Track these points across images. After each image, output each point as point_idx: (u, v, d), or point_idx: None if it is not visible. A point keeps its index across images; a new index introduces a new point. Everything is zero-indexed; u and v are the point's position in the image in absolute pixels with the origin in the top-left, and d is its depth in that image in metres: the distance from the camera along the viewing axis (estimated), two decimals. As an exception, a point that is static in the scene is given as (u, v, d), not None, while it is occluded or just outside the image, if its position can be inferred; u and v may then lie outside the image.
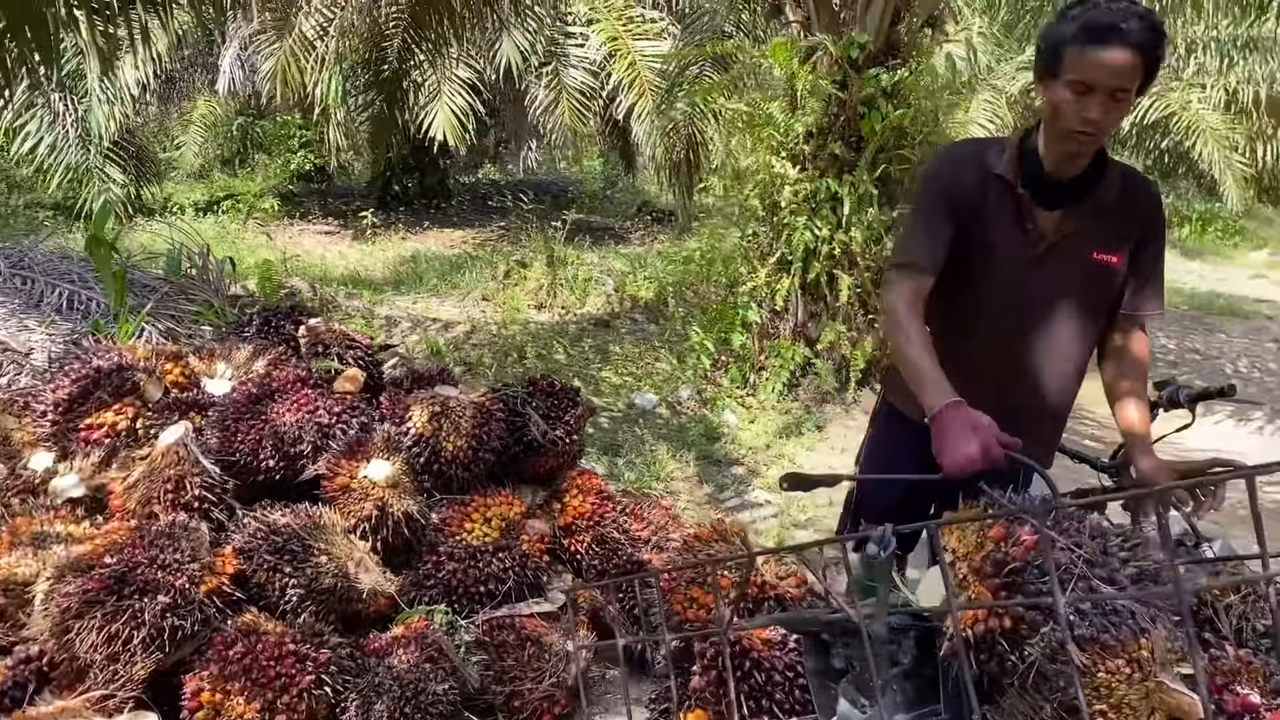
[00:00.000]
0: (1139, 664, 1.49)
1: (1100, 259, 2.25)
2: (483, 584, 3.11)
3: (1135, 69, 2.03)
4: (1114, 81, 2.03)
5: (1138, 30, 2.01)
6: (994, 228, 2.27)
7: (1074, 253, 2.24)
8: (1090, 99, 2.06)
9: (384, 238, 12.08)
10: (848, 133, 6.24)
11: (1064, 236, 2.24)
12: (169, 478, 2.85)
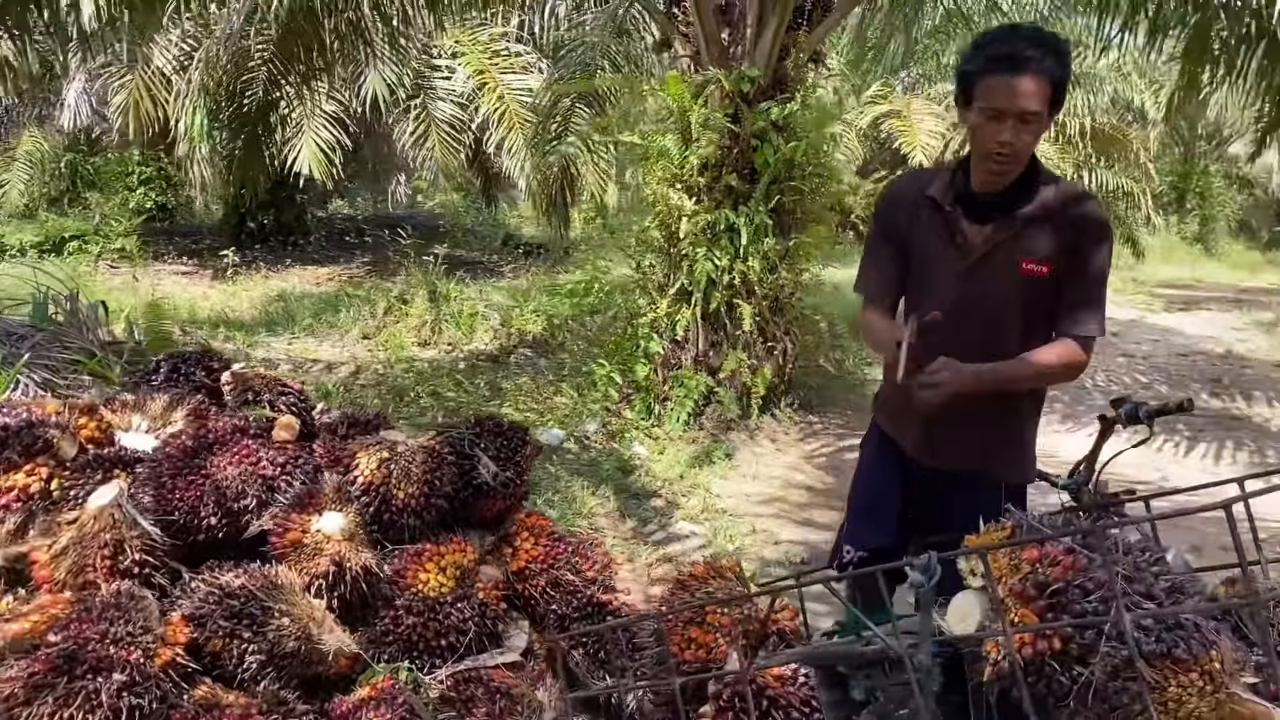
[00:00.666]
0: (1210, 676, 1.53)
1: (1029, 269, 2.37)
2: (444, 637, 2.96)
3: (1040, 93, 2.20)
4: (1021, 105, 2.20)
5: (1039, 57, 2.19)
6: (928, 243, 2.47)
7: (1003, 262, 2.38)
8: (1002, 124, 2.23)
9: (246, 277, 11.58)
10: (741, 165, 6.35)
11: (993, 246, 2.38)
12: (105, 542, 2.61)
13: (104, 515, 2.64)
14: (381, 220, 19.21)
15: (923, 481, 2.63)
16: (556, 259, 14.68)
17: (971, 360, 2.33)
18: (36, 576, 2.64)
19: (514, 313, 8.96)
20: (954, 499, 2.54)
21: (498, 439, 3.39)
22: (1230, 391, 8.51)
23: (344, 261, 13.93)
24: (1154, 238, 20.81)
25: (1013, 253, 2.38)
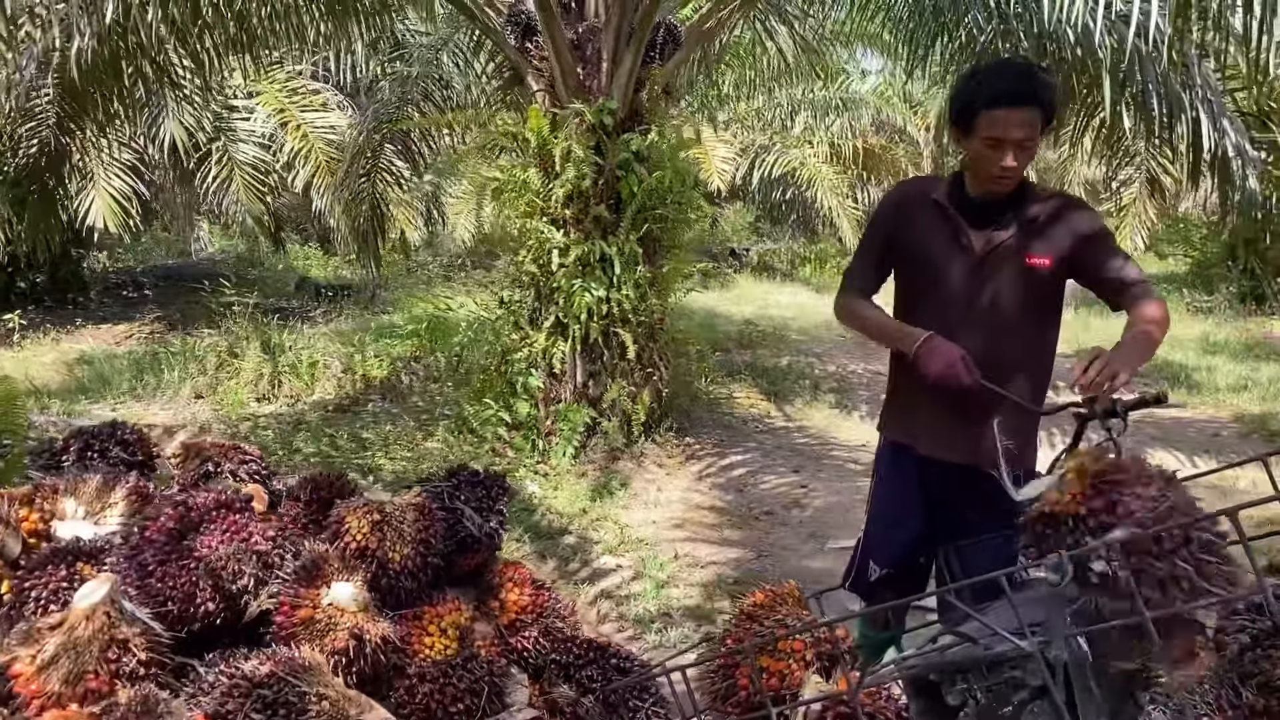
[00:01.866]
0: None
1: (1032, 262, 2.60)
2: (460, 701, 2.81)
3: (1034, 122, 2.47)
4: (1020, 134, 2.46)
5: (1034, 90, 2.46)
6: (934, 244, 2.68)
7: (1007, 261, 2.61)
8: (1003, 150, 2.47)
9: (33, 341, 10.53)
10: (607, 195, 6.40)
11: (997, 247, 2.61)
12: (104, 645, 2.33)
13: (97, 615, 2.36)
14: (159, 272, 17.99)
15: (938, 480, 2.77)
16: (366, 301, 14.21)
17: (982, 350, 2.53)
18: (23, 691, 2.31)
19: (355, 359, 8.60)
20: (968, 493, 2.69)
21: (476, 489, 3.28)
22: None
23: (134, 318, 12.92)
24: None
25: (1015, 251, 2.61)
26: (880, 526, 2.92)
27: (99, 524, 2.95)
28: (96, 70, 7.13)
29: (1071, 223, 2.62)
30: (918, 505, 2.81)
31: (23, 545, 2.72)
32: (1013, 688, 2.08)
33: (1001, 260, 2.62)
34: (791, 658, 2.39)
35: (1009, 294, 2.62)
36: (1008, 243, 2.60)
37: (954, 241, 2.65)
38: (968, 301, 2.64)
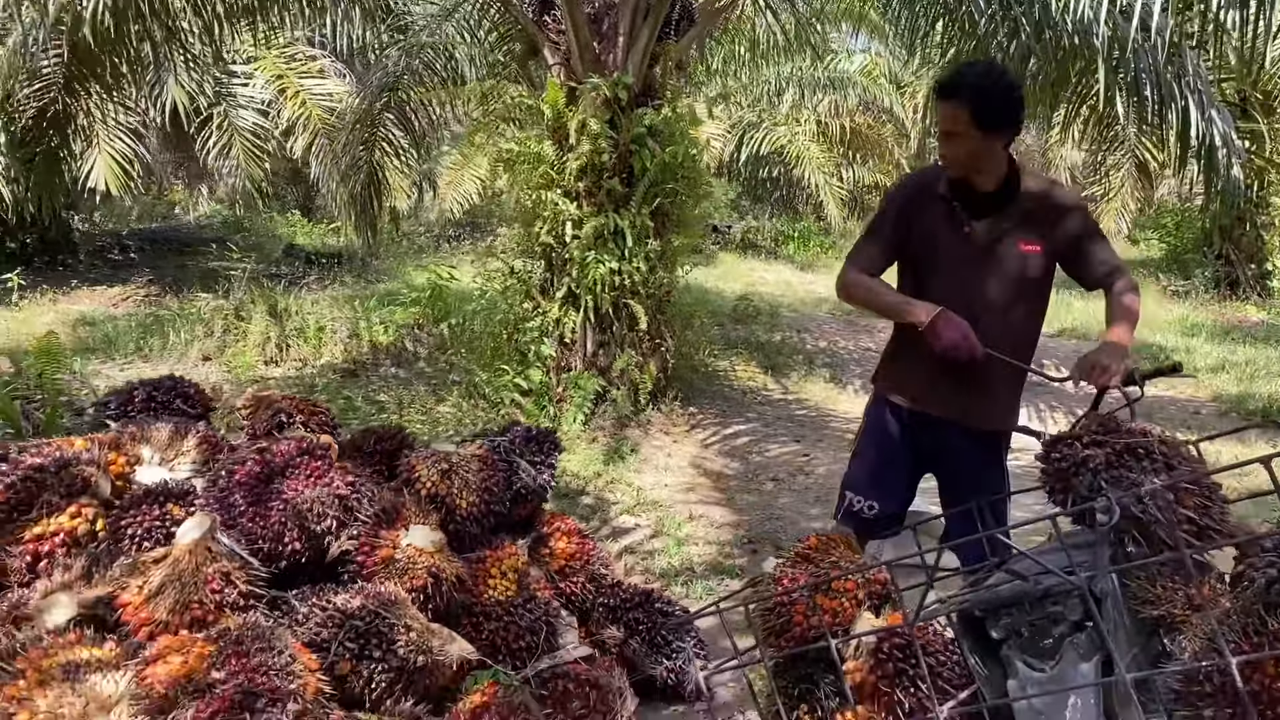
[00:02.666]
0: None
1: (1026, 249, 2.90)
2: (521, 639, 3.03)
3: (959, 115, 2.76)
4: (946, 126, 2.82)
5: (959, 87, 2.77)
6: (939, 231, 2.95)
7: (1005, 247, 2.90)
8: (941, 139, 2.87)
9: (31, 302, 10.55)
10: (620, 169, 6.56)
11: (995, 237, 2.90)
12: (208, 577, 2.51)
13: (199, 549, 2.54)
14: (144, 235, 17.91)
15: (924, 432, 3.10)
16: (358, 269, 14.27)
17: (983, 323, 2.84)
18: (133, 621, 2.48)
19: (361, 325, 8.73)
20: (951, 445, 3.07)
21: (530, 444, 3.47)
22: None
23: (127, 280, 12.91)
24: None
25: (1012, 238, 2.90)
26: (869, 467, 3.22)
27: (173, 470, 3.11)
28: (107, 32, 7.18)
29: (1061, 212, 2.92)
30: (906, 454, 3.15)
31: (111, 486, 2.87)
32: (1053, 622, 2.30)
33: (999, 247, 2.90)
34: (845, 596, 2.59)
35: (1004, 277, 2.91)
36: (1005, 231, 2.89)
37: (957, 231, 2.93)
38: (968, 284, 2.92)
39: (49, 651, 2.35)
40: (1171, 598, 2.25)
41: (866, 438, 3.29)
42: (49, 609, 2.53)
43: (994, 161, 2.87)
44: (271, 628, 2.41)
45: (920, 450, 3.16)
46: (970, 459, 3.10)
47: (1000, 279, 2.92)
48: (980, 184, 2.89)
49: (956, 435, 3.05)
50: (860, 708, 2.46)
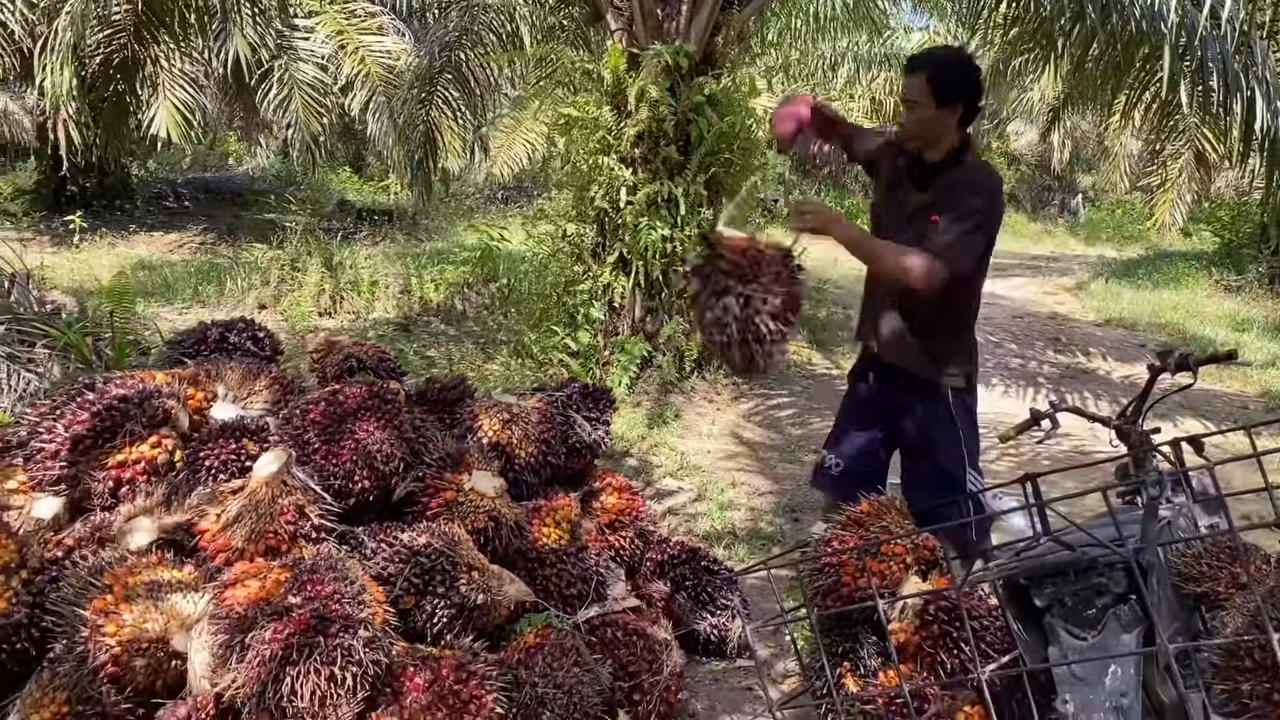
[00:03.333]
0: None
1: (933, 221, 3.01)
2: (572, 586, 3.14)
3: (919, 88, 2.94)
4: (904, 95, 3.06)
5: (920, 59, 3.01)
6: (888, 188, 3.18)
7: (923, 217, 3.03)
8: (904, 108, 3.06)
9: (91, 244, 10.81)
10: (677, 137, 6.60)
11: (918, 207, 3.05)
12: (283, 509, 2.63)
13: (275, 482, 2.66)
14: (197, 184, 18.22)
15: (882, 385, 3.27)
16: (408, 227, 14.45)
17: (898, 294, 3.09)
18: (210, 546, 2.62)
19: (413, 281, 8.87)
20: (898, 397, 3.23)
21: (587, 400, 3.56)
22: (1070, 349, 9.55)
23: (183, 227, 13.19)
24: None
25: (929, 211, 3.02)
26: (838, 425, 3.37)
27: (245, 408, 3.23)
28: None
29: (962, 192, 3.00)
30: (871, 411, 3.30)
31: (189, 420, 3.00)
32: (1097, 593, 2.36)
33: (919, 216, 3.04)
34: (893, 560, 2.67)
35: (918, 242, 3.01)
36: (928, 203, 3.03)
37: (896, 191, 3.14)
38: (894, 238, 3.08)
39: (134, 570, 2.49)
40: (1216, 575, 2.30)
41: (843, 400, 3.46)
42: (132, 532, 2.66)
43: (945, 135, 3.01)
44: (343, 559, 2.53)
45: (877, 409, 3.31)
46: (918, 414, 3.21)
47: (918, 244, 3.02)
48: (929, 156, 3.05)
49: (901, 388, 3.21)
50: (903, 666, 2.54)
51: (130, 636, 2.35)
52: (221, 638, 2.28)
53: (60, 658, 2.48)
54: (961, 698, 2.48)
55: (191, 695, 2.35)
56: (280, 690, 2.21)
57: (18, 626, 2.52)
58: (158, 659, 2.39)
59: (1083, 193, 26.65)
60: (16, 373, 4.46)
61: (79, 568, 2.53)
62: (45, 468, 2.86)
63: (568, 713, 2.66)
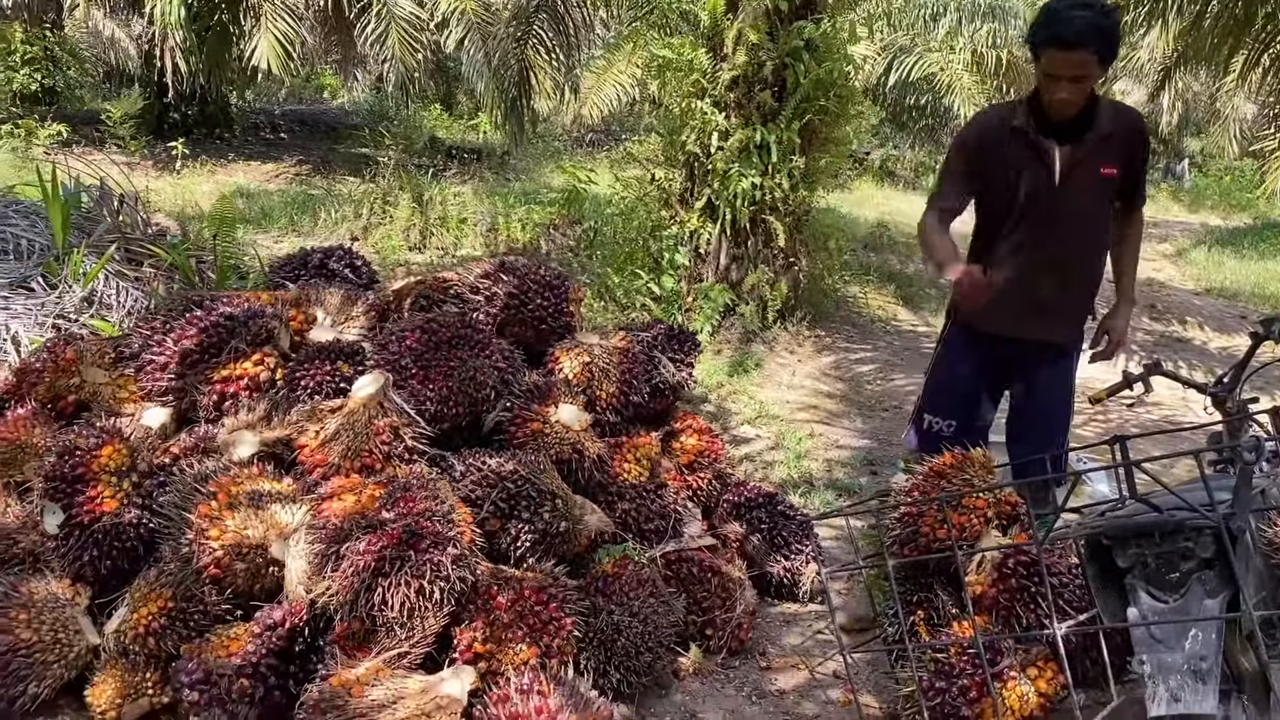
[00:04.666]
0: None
1: (1105, 173, 3.01)
2: (651, 521, 3.21)
3: (1087, 62, 2.80)
4: (1071, 73, 2.82)
5: (1086, 33, 2.76)
6: (1020, 165, 3.03)
7: (1085, 172, 2.99)
8: (1058, 84, 2.86)
9: (191, 171, 11.12)
10: (772, 82, 6.52)
11: (1076, 163, 2.97)
12: (379, 429, 2.73)
13: (372, 403, 2.75)
14: (293, 116, 18.56)
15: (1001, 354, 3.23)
16: (496, 166, 14.53)
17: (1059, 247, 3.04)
18: (308, 461, 2.73)
19: (500, 220, 8.95)
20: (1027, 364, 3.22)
21: (671, 342, 3.60)
22: (1166, 316, 9.27)
23: (279, 158, 13.47)
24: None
25: (1091, 164, 2.99)
26: (950, 390, 3.33)
27: (343, 332, 3.33)
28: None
29: (1135, 135, 3.07)
30: (984, 377, 3.30)
31: (290, 340, 3.11)
32: (1182, 557, 2.34)
33: (1079, 171, 2.98)
34: (974, 513, 2.67)
35: (1085, 200, 3.02)
36: (1085, 155, 2.97)
37: (1038, 160, 3.00)
38: (1049, 210, 3.02)
39: (237, 480, 2.62)
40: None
41: (946, 363, 3.40)
42: (235, 444, 2.79)
43: None
44: (434, 480, 2.62)
45: (997, 372, 3.30)
46: (1044, 376, 3.22)
47: (1079, 203, 3.03)
48: (1063, 115, 2.95)
49: (1032, 354, 3.19)
50: (978, 618, 2.55)
51: (232, 541, 2.48)
52: (318, 547, 2.39)
53: (166, 557, 2.63)
54: (1035, 652, 2.49)
55: (287, 600, 2.48)
56: (371, 600, 2.31)
57: (128, 526, 2.67)
58: (256, 564, 2.52)
59: (1189, 157, 25.57)
60: (125, 290, 4.65)
61: (185, 475, 2.66)
62: (155, 379, 3.00)
63: (642, 640, 2.74)
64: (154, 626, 2.46)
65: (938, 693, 2.49)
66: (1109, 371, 3.52)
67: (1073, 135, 2.96)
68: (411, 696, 2.21)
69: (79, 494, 2.62)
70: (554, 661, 2.53)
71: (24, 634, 2.48)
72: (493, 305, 3.34)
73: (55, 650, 2.51)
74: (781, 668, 3.08)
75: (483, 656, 2.48)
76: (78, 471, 2.62)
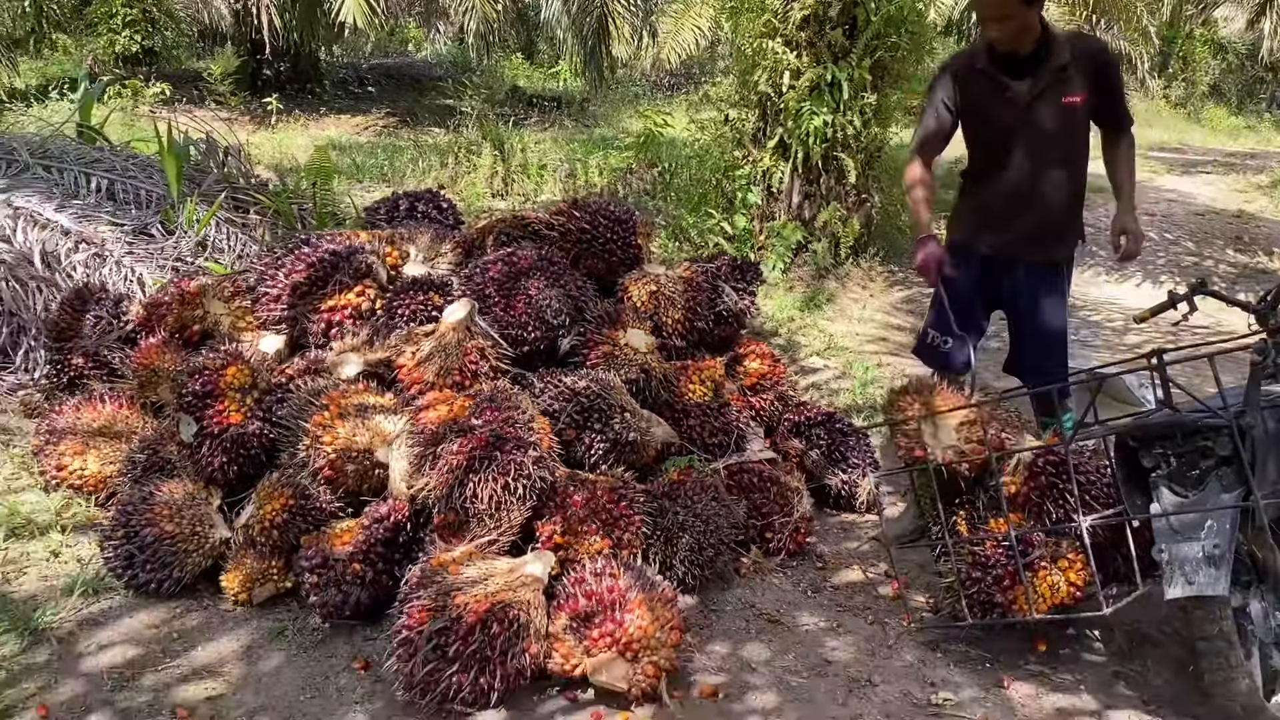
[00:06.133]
0: None
1: (1068, 101, 3.19)
2: (714, 436, 3.48)
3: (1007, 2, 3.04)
4: (995, 13, 3.11)
5: None
6: (985, 102, 3.29)
7: (1047, 102, 3.19)
8: (987, 25, 3.18)
9: (285, 125, 11.61)
10: (843, 20, 6.61)
11: (1039, 93, 3.18)
12: (466, 351, 3.04)
13: (460, 327, 3.06)
14: (379, 70, 19.00)
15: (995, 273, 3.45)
16: (575, 113, 14.76)
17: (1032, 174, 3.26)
18: (406, 379, 3.06)
19: (578, 166, 9.22)
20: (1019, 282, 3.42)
21: (734, 272, 3.84)
22: (1252, 249, 9.12)
23: (367, 111, 13.91)
24: (1143, 101, 21.20)
25: (1052, 94, 3.18)
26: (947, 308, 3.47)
27: (433, 268, 3.65)
28: None
29: (1095, 63, 3.21)
30: (978, 295, 3.51)
31: (387, 274, 3.44)
32: (1201, 455, 2.53)
33: (1040, 104, 3.19)
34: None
35: (1051, 129, 3.22)
36: (1045, 87, 3.17)
37: (1002, 95, 3.23)
38: (1019, 140, 3.25)
39: (346, 394, 2.96)
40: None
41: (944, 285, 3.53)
42: (343, 364, 3.14)
43: (1033, 29, 3.15)
44: (517, 392, 2.93)
45: (990, 291, 3.51)
46: (1037, 293, 3.41)
47: (1045, 134, 3.23)
48: (1023, 51, 3.17)
49: (1024, 271, 3.40)
50: (1012, 515, 2.77)
51: (343, 446, 2.83)
52: (417, 450, 2.72)
53: (285, 463, 2.99)
54: (1065, 546, 2.70)
55: (391, 497, 2.82)
56: (464, 493, 2.64)
57: (251, 435, 3.04)
58: (364, 466, 2.86)
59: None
60: (234, 235, 5.06)
61: (300, 391, 3.02)
62: (269, 309, 3.37)
63: (704, 538, 3.02)
64: (278, 521, 2.83)
65: (974, 582, 2.74)
66: (1154, 295, 3.67)
67: (1030, 69, 3.18)
68: (500, 575, 2.53)
69: (209, 408, 2.99)
70: (624, 552, 2.84)
71: (168, 527, 2.87)
72: (567, 240, 3.62)
73: (194, 541, 2.90)
74: (836, 568, 3.34)
75: (561, 547, 2.79)
76: (207, 388, 3.00)
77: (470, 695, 2.43)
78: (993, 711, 2.60)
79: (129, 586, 2.90)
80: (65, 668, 2.60)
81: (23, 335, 4.07)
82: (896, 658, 2.83)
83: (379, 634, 2.79)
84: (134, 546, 2.85)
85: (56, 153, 5.29)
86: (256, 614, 2.89)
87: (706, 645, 2.84)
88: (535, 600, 2.54)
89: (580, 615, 2.54)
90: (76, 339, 3.85)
